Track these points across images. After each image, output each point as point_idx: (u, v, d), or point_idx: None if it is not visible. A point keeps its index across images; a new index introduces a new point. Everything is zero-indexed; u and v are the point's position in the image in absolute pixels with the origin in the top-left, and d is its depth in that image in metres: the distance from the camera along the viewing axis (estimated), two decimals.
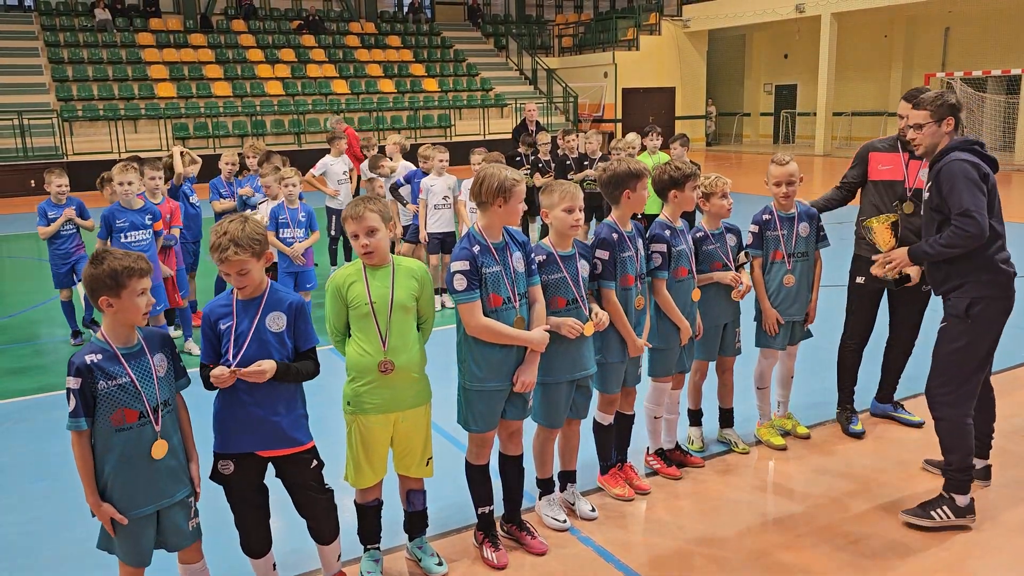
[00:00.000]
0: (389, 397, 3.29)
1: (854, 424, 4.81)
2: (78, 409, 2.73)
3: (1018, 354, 6.20)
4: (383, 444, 3.37)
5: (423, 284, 3.37)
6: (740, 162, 23.78)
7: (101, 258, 2.76)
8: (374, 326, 3.24)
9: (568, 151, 9.73)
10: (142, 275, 2.78)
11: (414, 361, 3.33)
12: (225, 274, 3.01)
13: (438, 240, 7.95)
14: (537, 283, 3.59)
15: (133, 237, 6.21)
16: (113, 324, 2.81)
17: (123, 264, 2.74)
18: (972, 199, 3.58)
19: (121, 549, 2.88)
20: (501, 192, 3.39)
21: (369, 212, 3.21)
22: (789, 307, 4.61)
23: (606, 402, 4.11)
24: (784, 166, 4.54)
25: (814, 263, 4.70)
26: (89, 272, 2.75)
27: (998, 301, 3.74)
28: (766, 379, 4.78)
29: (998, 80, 21.97)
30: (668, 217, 4.25)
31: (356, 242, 3.25)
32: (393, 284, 3.28)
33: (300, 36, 26.92)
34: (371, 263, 3.28)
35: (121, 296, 2.75)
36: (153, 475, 2.84)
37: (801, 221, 4.63)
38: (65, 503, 4.24)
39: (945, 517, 3.79)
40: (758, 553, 3.66)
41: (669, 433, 4.51)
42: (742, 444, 4.69)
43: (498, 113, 26.03)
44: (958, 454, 3.81)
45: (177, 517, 2.94)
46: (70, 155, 19.84)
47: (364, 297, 3.24)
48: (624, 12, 30.99)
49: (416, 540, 3.62)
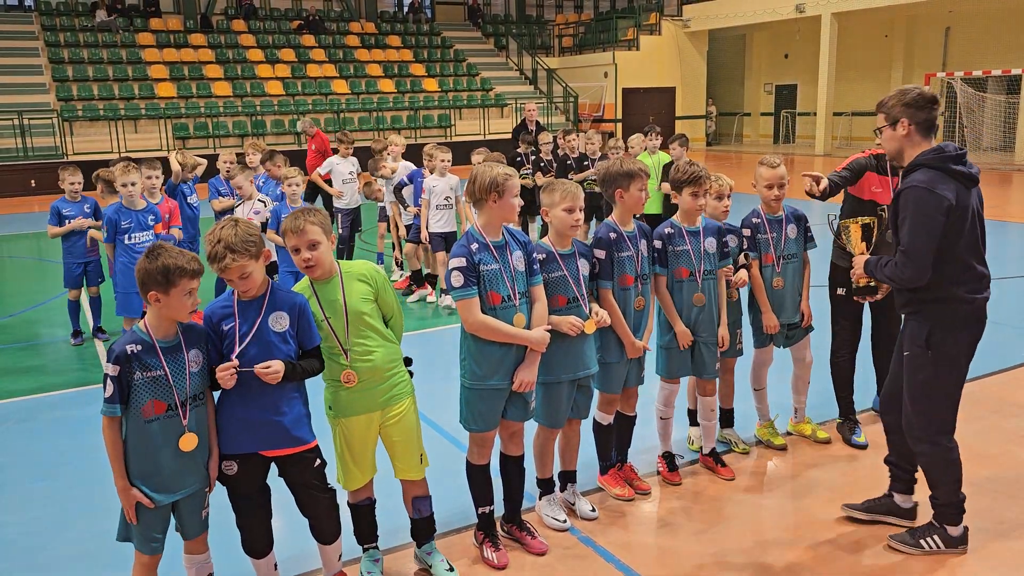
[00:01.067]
0: (365, 398, 3.28)
1: (857, 436, 4.73)
2: (114, 396, 2.81)
3: (1018, 355, 6.21)
4: (367, 444, 3.36)
5: (377, 284, 3.30)
6: (740, 162, 23.77)
7: (156, 254, 2.82)
8: (334, 339, 3.22)
9: (568, 151, 9.74)
10: (193, 276, 2.85)
11: (383, 362, 3.29)
12: (228, 280, 3.02)
13: (441, 239, 7.94)
14: (539, 283, 3.58)
15: (138, 238, 6.23)
16: (158, 318, 2.89)
17: (176, 263, 2.81)
18: (917, 239, 3.26)
19: (139, 538, 2.94)
20: (494, 187, 3.41)
21: (310, 225, 3.13)
22: (780, 309, 4.59)
23: (606, 401, 4.10)
24: (775, 168, 4.52)
25: (803, 265, 4.68)
26: (143, 266, 2.82)
27: (960, 332, 3.44)
28: (761, 380, 4.75)
29: (998, 80, 21.96)
30: (677, 217, 4.24)
31: (297, 256, 3.17)
32: (344, 292, 3.23)
33: (300, 36, 26.92)
34: (314, 276, 3.22)
35: (170, 293, 2.82)
36: (177, 467, 2.92)
37: (789, 223, 4.61)
38: (65, 503, 4.24)
39: (935, 547, 3.55)
40: (759, 553, 3.66)
41: (707, 439, 4.47)
42: (742, 444, 4.69)
43: (498, 113, 26.03)
44: (943, 488, 3.53)
45: (193, 506, 3.02)
46: (70, 155, 19.82)
47: (318, 313, 3.20)
48: (624, 12, 30.98)
49: (424, 546, 3.60)
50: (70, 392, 5.98)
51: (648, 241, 4.08)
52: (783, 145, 29.29)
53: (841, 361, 4.87)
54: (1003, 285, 8.59)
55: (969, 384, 5.56)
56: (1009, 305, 7.82)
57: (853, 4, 23.08)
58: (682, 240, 4.16)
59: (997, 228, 11.84)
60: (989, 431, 4.86)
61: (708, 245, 4.20)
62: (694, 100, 29.28)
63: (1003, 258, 10.02)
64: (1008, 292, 8.35)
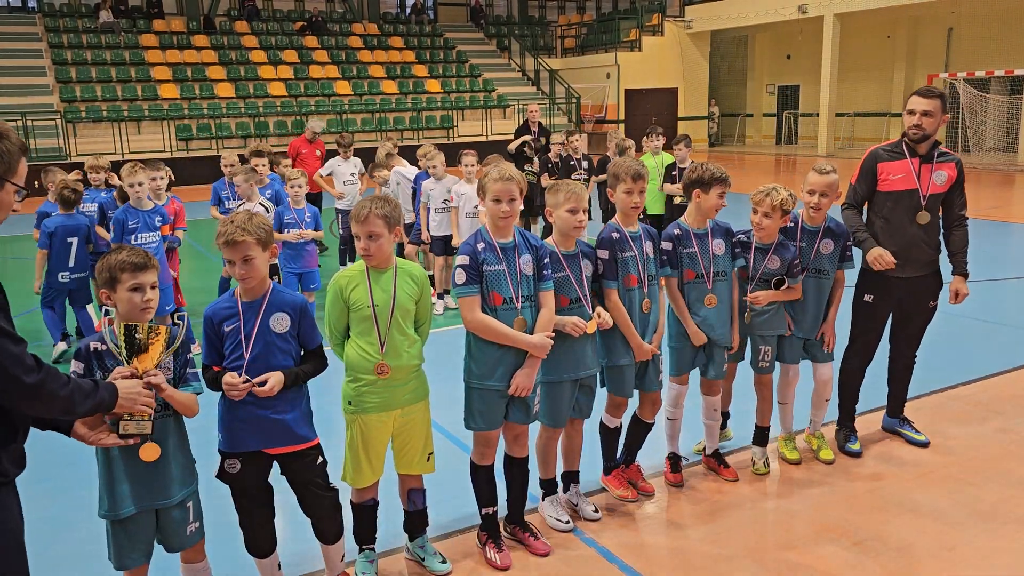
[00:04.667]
0: (388, 396, 3.32)
1: (851, 443, 4.64)
2: None
3: (1020, 356, 6.20)
4: (383, 442, 3.39)
5: (422, 288, 3.40)
6: (743, 163, 23.76)
7: (107, 253, 2.82)
8: (374, 329, 3.26)
9: (571, 152, 9.76)
10: (136, 269, 2.75)
11: (412, 362, 3.36)
12: (230, 262, 3.01)
13: (441, 242, 7.93)
14: (549, 288, 3.57)
15: (144, 239, 6.29)
16: (118, 318, 2.80)
17: (117, 258, 2.76)
18: None
19: (113, 552, 2.85)
20: (480, 188, 3.55)
21: (374, 215, 3.21)
22: (800, 324, 4.45)
23: (614, 404, 4.09)
24: (824, 175, 4.31)
25: (835, 284, 4.45)
26: (97, 269, 2.81)
27: None
28: (787, 395, 4.55)
29: (1001, 81, 21.94)
30: (685, 218, 4.23)
31: (358, 243, 3.27)
32: (395, 288, 3.30)
33: (303, 37, 26.95)
34: (371, 264, 3.30)
35: (116, 290, 2.76)
36: (144, 476, 2.79)
37: (825, 237, 4.40)
38: (67, 503, 4.26)
39: None
40: (761, 553, 3.66)
41: (710, 439, 4.46)
42: (730, 434, 4.67)
43: (500, 114, 26.04)
44: None
45: (175, 519, 2.91)
46: (73, 156, 19.83)
47: (366, 300, 3.26)
48: (626, 13, 30.97)
49: (417, 540, 3.63)
50: None
51: (654, 243, 4.04)
52: (785, 146, 29.29)
53: (853, 367, 4.73)
54: (1005, 286, 8.59)
55: (971, 385, 5.63)
56: (1010, 306, 7.82)
57: (855, 5, 23.06)
58: (690, 241, 4.14)
59: (999, 229, 11.83)
60: (991, 432, 4.86)
61: (716, 247, 4.17)
62: (696, 101, 29.28)
63: (1005, 259, 10.01)
64: (1009, 293, 8.35)
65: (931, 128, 4.35)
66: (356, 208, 3.26)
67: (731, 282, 4.23)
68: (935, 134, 4.41)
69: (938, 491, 4.18)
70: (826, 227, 4.42)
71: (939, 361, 6.07)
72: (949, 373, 5.84)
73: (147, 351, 2.71)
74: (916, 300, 4.58)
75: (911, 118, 4.37)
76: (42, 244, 6.72)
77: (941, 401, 5.38)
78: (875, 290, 4.57)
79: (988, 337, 6.80)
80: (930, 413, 5.14)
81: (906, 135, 4.43)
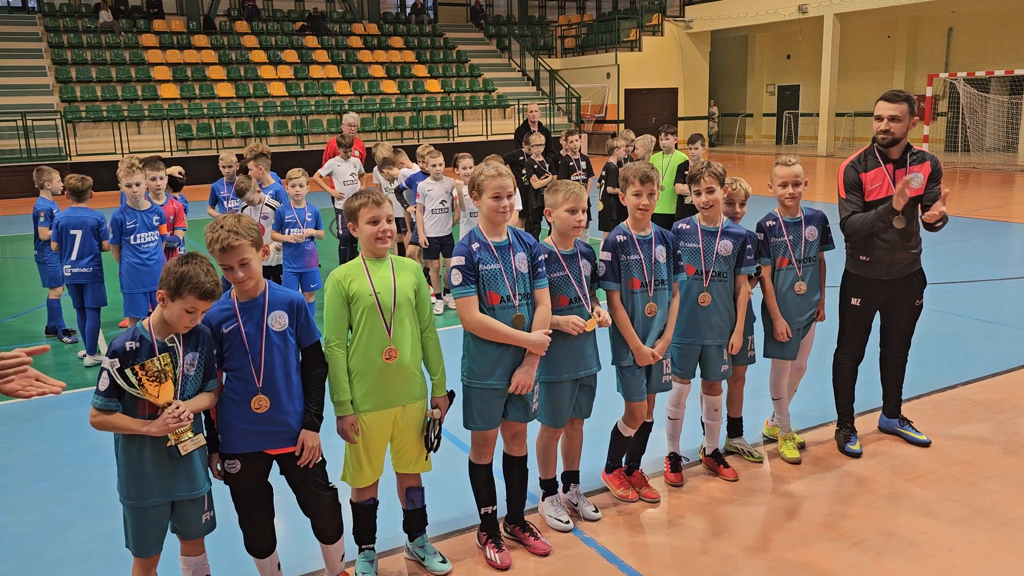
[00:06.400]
0: (389, 394, 3.33)
1: (851, 443, 4.64)
2: (110, 390, 2.79)
3: (1020, 356, 6.20)
4: (383, 441, 3.40)
5: (419, 280, 3.44)
6: (743, 163, 23.76)
7: (186, 260, 2.85)
8: (379, 316, 3.27)
9: (570, 152, 9.75)
10: (202, 295, 2.82)
11: (415, 357, 3.37)
12: (227, 268, 3.01)
13: (437, 244, 7.93)
14: (544, 286, 3.58)
15: (143, 239, 6.27)
16: (161, 319, 2.89)
17: (193, 274, 2.79)
18: None
19: (133, 540, 2.94)
20: (475, 186, 3.52)
21: (387, 202, 3.33)
22: (798, 315, 4.48)
23: (629, 414, 4.05)
24: (790, 167, 4.40)
25: (819, 266, 4.57)
26: (169, 264, 2.87)
27: None
28: (779, 389, 4.61)
29: (1001, 81, 21.94)
30: (698, 216, 4.24)
31: (377, 227, 3.30)
32: (394, 275, 3.34)
33: (303, 37, 26.97)
34: (383, 248, 3.34)
35: (175, 301, 2.82)
36: (168, 468, 2.90)
37: (808, 225, 4.46)
38: (69, 503, 4.25)
39: None
40: (761, 553, 3.66)
41: (711, 439, 4.46)
42: (756, 452, 4.60)
43: (500, 114, 26.05)
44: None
45: (192, 510, 3.01)
46: (74, 156, 19.88)
47: (368, 289, 3.27)
48: (626, 13, 30.98)
49: (417, 540, 3.63)
50: (73, 393, 5.98)
51: (667, 248, 3.95)
52: (785, 146, 29.29)
53: (844, 367, 4.77)
54: (1005, 286, 8.59)
55: (971, 385, 5.63)
56: (1011, 306, 7.82)
57: (855, 5, 23.06)
58: (693, 237, 4.15)
59: (999, 229, 11.83)
60: (991, 433, 4.86)
61: (722, 248, 4.16)
62: (696, 101, 29.28)
63: (1006, 259, 10.00)
64: (1009, 293, 8.35)
65: (900, 132, 4.32)
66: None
67: (736, 284, 4.24)
68: (905, 137, 4.38)
69: (938, 491, 4.18)
70: (806, 216, 4.50)
71: (939, 361, 6.08)
72: (949, 373, 5.84)
73: (167, 380, 2.82)
74: (901, 300, 4.62)
75: (879, 123, 4.37)
76: (53, 236, 6.78)
77: (941, 401, 5.38)
78: (860, 293, 4.59)
79: (988, 337, 6.80)
80: (930, 413, 5.14)
81: (876, 140, 4.44)
